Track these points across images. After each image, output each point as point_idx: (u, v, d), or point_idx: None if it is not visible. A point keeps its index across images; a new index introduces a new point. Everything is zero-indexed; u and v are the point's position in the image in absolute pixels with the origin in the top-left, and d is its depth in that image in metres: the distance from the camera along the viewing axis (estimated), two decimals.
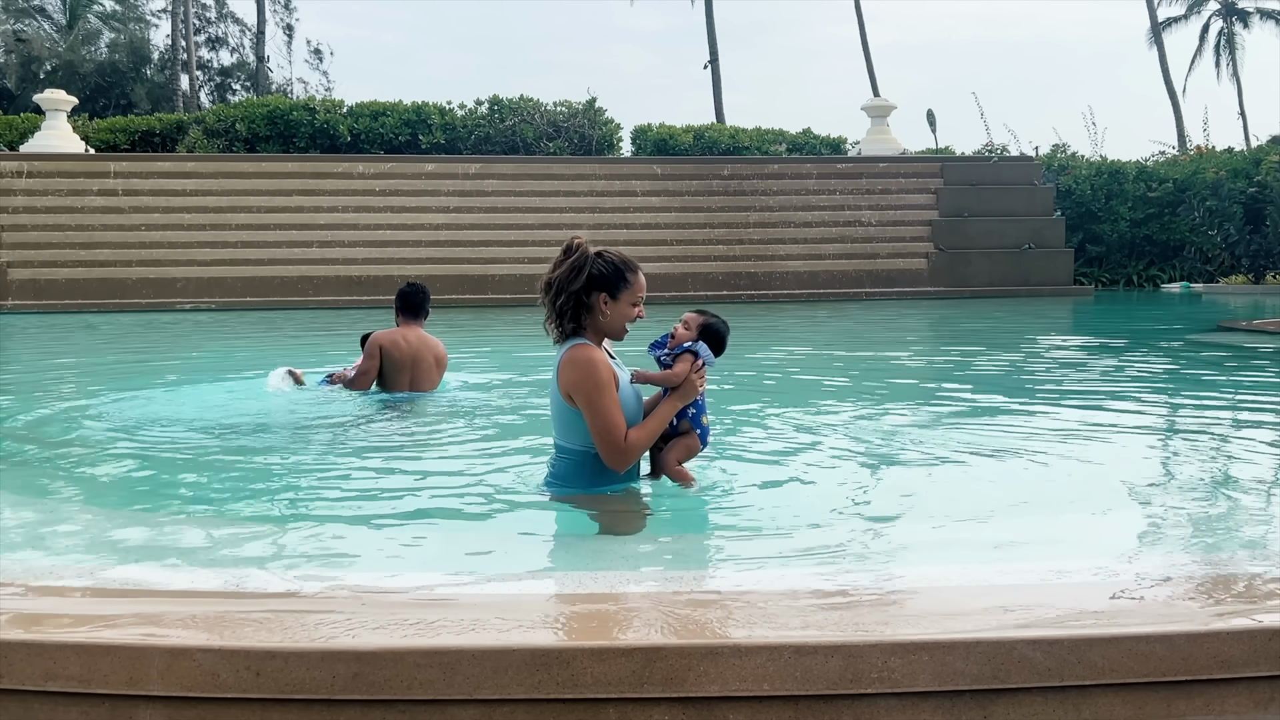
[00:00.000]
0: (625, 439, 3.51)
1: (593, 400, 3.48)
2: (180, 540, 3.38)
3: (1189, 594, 2.37)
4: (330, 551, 3.26)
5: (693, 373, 3.60)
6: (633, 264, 3.62)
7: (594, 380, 3.48)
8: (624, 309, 3.57)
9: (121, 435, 5.46)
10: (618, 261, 3.58)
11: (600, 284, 3.53)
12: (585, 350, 3.52)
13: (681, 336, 3.68)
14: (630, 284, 3.57)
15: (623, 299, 3.56)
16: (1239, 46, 46.50)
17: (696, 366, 3.61)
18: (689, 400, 3.64)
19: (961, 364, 9.53)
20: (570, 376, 3.51)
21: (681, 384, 3.60)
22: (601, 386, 3.48)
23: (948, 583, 2.46)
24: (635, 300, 3.59)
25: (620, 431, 3.50)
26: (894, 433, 5.32)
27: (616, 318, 3.57)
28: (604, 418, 3.49)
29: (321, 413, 6.13)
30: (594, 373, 3.48)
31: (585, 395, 3.49)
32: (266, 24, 43.32)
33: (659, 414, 3.62)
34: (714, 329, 3.74)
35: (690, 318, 3.75)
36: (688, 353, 3.62)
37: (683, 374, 3.59)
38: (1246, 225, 25.20)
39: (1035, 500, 3.96)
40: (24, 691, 1.97)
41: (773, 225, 22.83)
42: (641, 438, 3.57)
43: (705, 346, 3.65)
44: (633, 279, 3.58)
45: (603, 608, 2.33)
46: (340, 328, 14.93)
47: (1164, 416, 6.21)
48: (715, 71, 36.61)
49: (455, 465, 4.61)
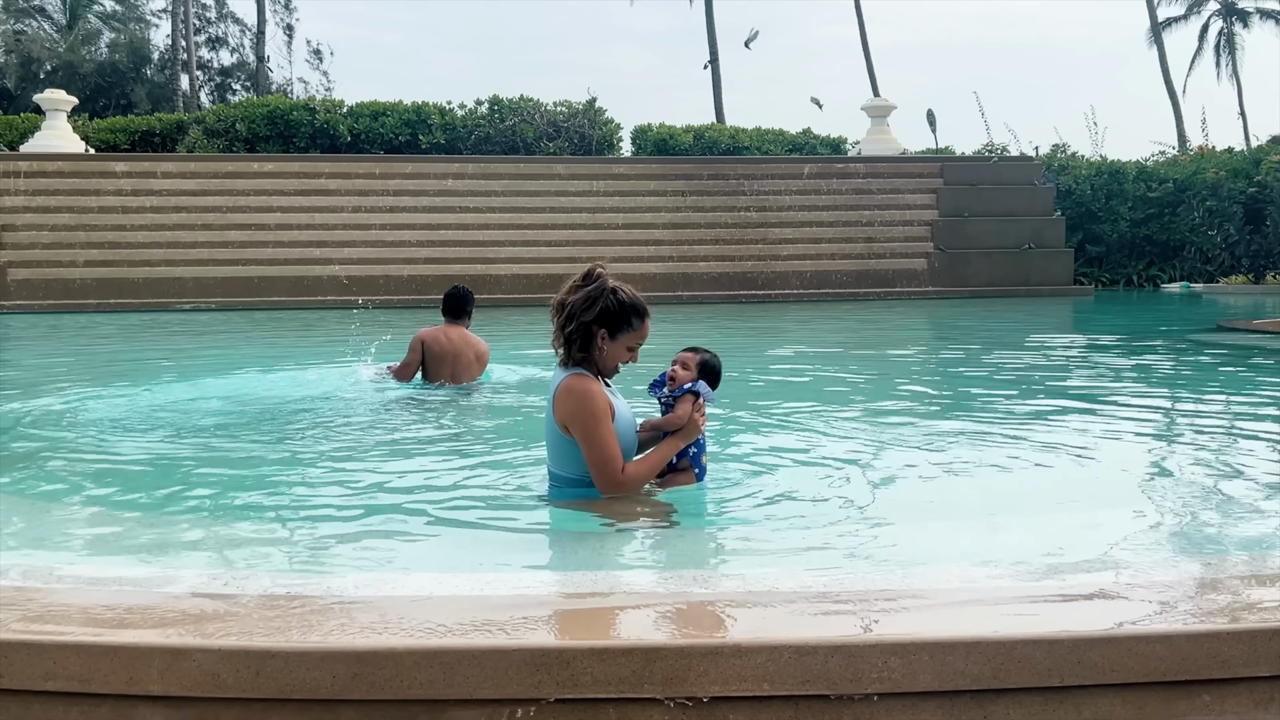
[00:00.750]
0: (623, 471, 3.51)
1: (589, 431, 3.47)
2: (181, 540, 3.38)
3: (1189, 594, 2.37)
4: (330, 551, 3.26)
5: (695, 413, 3.63)
6: (642, 309, 3.60)
7: (590, 411, 3.46)
8: (619, 350, 3.58)
9: (121, 434, 5.46)
10: (628, 303, 3.55)
11: (604, 320, 3.53)
12: (582, 381, 3.51)
13: (682, 378, 3.70)
14: (634, 329, 3.57)
15: (621, 340, 3.56)
16: (1239, 46, 46.54)
17: (699, 407, 3.64)
18: (691, 439, 3.67)
19: (961, 364, 9.53)
20: (567, 407, 3.50)
21: (685, 425, 3.63)
22: (598, 417, 3.46)
23: (948, 583, 2.46)
24: (633, 344, 3.59)
25: (617, 464, 3.50)
26: (893, 433, 5.33)
27: (610, 356, 3.57)
28: (600, 449, 3.47)
29: (335, 408, 6.17)
30: (591, 404, 3.46)
31: (582, 426, 3.48)
32: (266, 24, 43.35)
33: (660, 451, 3.64)
34: (711, 366, 3.77)
35: (688, 357, 3.76)
36: (689, 394, 3.64)
37: (685, 415, 3.62)
38: (1246, 225, 25.20)
39: (1035, 500, 3.97)
40: (24, 691, 1.97)
41: (773, 225, 22.83)
42: (640, 472, 3.58)
43: (705, 385, 3.68)
44: (638, 324, 3.57)
45: (603, 608, 2.33)
46: (341, 328, 14.94)
47: (1164, 416, 6.21)
48: (715, 71, 36.62)
49: (456, 465, 4.61)
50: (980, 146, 27.46)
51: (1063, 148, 28.57)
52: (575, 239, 21.87)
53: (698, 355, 3.76)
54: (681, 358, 3.76)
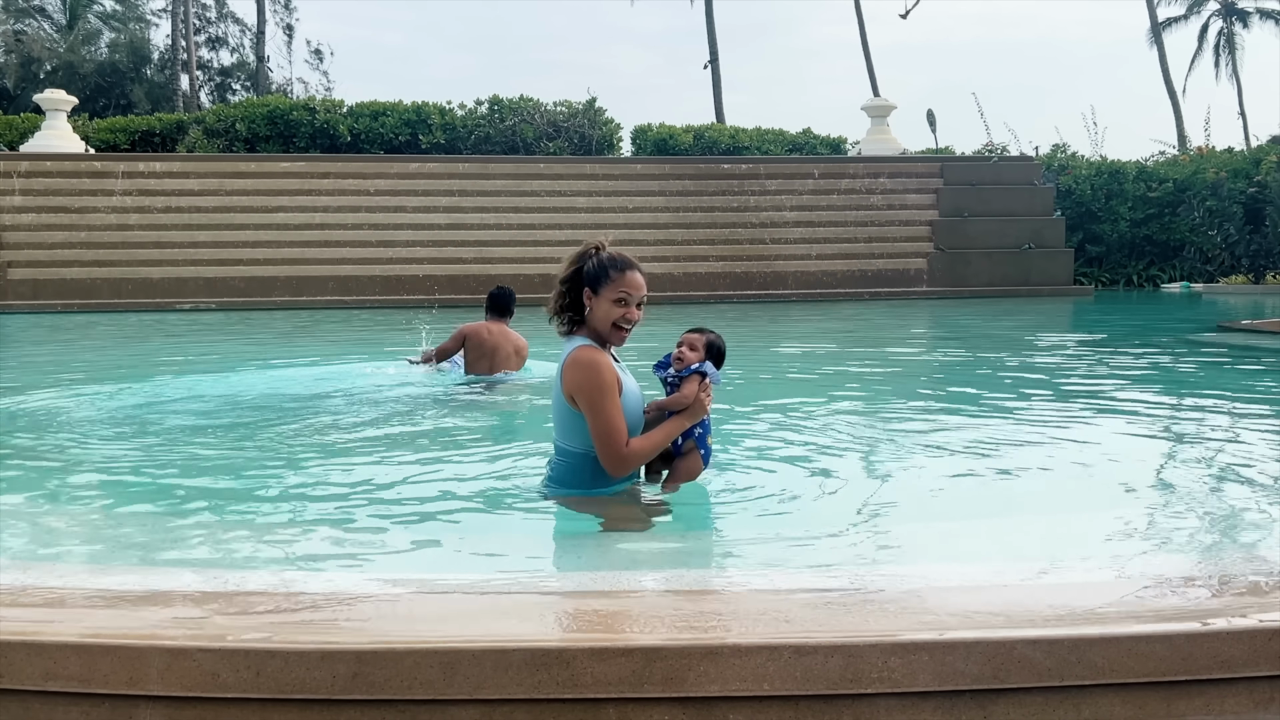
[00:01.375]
0: (627, 445, 3.48)
1: (595, 403, 3.45)
2: (181, 539, 3.38)
3: (1189, 594, 2.37)
4: (330, 551, 3.26)
5: (701, 393, 3.60)
6: (622, 262, 3.54)
7: (597, 383, 3.44)
8: (605, 305, 3.50)
9: (121, 434, 5.46)
10: (606, 258, 3.55)
11: (588, 279, 3.53)
12: (589, 352, 3.49)
13: (689, 359, 3.67)
14: (612, 279, 3.49)
15: (604, 294, 3.50)
16: (1239, 46, 46.58)
17: (705, 387, 3.62)
18: (697, 419, 3.64)
19: (961, 364, 9.53)
20: (573, 377, 3.48)
21: (691, 404, 3.60)
22: (604, 389, 3.44)
23: (948, 583, 2.46)
24: (619, 296, 3.49)
25: (622, 437, 3.47)
26: (893, 432, 5.33)
27: (599, 315, 3.52)
28: (606, 421, 3.45)
29: (345, 406, 6.19)
30: (597, 375, 3.44)
31: (588, 397, 3.45)
32: (266, 24, 43.35)
33: (665, 429, 3.60)
34: (716, 346, 3.74)
35: (694, 338, 3.72)
36: (696, 374, 3.62)
37: (692, 395, 3.59)
38: (1246, 225, 25.21)
39: (1035, 500, 3.96)
40: (24, 691, 1.97)
41: (773, 225, 22.84)
42: (644, 448, 3.54)
43: (712, 366, 3.66)
44: (616, 275, 3.50)
45: (603, 608, 2.33)
46: (341, 327, 14.94)
47: (1163, 416, 6.21)
48: (715, 71, 36.63)
49: (457, 464, 4.61)
50: (980, 146, 27.47)
51: (1063, 148, 28.58)
52: (575, 239, 21.47)
53: (704, 336, 3.72)
54: (688, 339, 3.72)
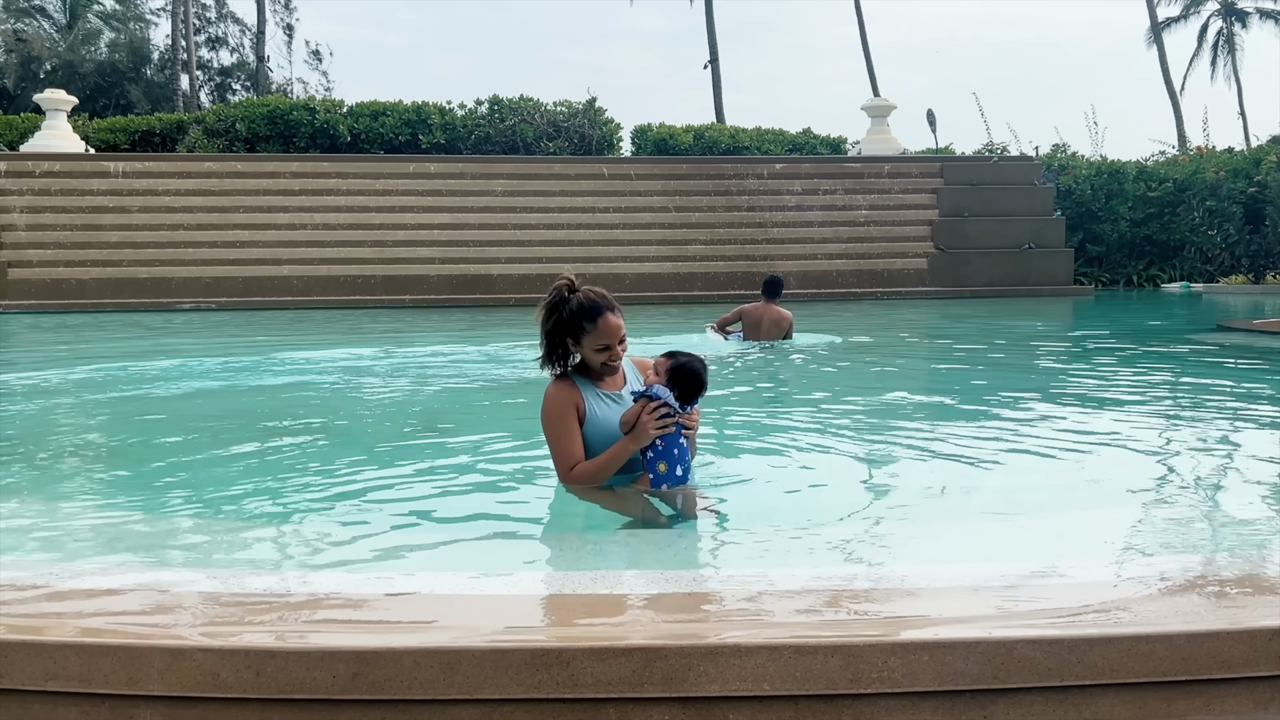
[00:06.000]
0: (572, 470, 3.63)
1: (546, 431, 3.69)
2: (180, 539, 3.38)
3: (1189, 594, 2.37)
4: (330, 551, 3.26)
5: (646, 415, 3.51)
6: (593, 309, 3.56)
7: (547, 414, 3.67)
8: (589, 353, 3.64)
9: (120, 433, 5.46)
10: (578, 308, 3.58)
11: (568, 330, 3.62)
12: (552, 387, 3.69)
13: (649, 381, 3.68)
14: (588, 332, 3.59)
15: (586, 344, 3.62)
16: (1238, 47, 46.60)
17: (648, 410, 3.52)
18: (641, 444, 3.55)
19: (961, 364, 9.53)
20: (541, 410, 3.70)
21: (635, 427, 3.55)
22: (552, 419, 3.65)
23: (948, 583, 2.46)
24: (600, 345, 3.60)
25: (567, 461, 3.65)
26: (893, 432, 5.32)
27: (586, 358, 3.69)
28: (554, 446, 3.67)
29: (339, 405, 6.14)
30: (548, 406, 3.68)
31: (543, 425, 3.69)
32: (266, 24, 43.37)
33: (610, 452, 3.61)
34: (685, 369, 3.65)
35: (659, 362, 3.72)
36: (643, 397, 3.57)
37: (631, 418, 3.55)
38: (1246, 225, 25.21)
39: (1035, 500, 3.96)
40: (24, 691, 1.97)
41: (773, 225, 22.84)
42: (587, 470, 3.63)
43: (664, 390, 3.56)
44: (590, 327, 3.57)
45: (603, 608, 2.33)
46: (342, 328, 14.93)
47: (1163, 416, 6.21)
48: (715, 71, 36.64)
49: (458, 464, 4.61)
50: (980, 146, 27.48)
51: (1063, 148, 28.59)
52: (575, 239, 21.88)
53: (669, 360, 3.70)
54: (656, 363, 3.74)
